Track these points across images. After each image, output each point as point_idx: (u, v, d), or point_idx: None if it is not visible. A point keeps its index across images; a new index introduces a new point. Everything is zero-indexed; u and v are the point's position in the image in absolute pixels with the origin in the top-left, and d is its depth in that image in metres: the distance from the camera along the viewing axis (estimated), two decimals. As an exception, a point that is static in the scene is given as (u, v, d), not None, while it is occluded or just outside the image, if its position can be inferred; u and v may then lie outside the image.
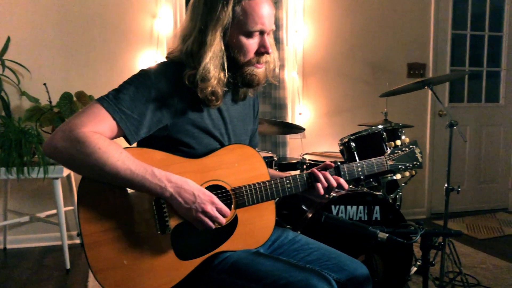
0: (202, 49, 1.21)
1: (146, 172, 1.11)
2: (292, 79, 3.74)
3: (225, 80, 1.26)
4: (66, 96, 2.88)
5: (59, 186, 2.79)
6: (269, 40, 1.28)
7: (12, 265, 2.93)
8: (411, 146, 1.49)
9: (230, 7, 1.19)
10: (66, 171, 2.82)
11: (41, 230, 3.31)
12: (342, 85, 3.91)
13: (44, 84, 2.98)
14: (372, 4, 3.91)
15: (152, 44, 3.40)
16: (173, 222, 1.18)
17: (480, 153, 4.40)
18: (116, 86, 1.22)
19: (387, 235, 1.11)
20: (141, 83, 1.19)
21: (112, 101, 1.15)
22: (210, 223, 1.17)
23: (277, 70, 1.36)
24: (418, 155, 1.47)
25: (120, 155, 1.10)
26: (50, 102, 2.98)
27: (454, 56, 4.24)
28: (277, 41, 3.55)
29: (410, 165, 1.46)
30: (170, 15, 3.41)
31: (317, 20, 3.79)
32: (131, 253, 1.14)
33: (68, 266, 2.83)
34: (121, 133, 1.16)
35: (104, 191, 1.14)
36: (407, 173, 1.49)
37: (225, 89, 1.29)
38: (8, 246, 3.24)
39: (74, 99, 2.92)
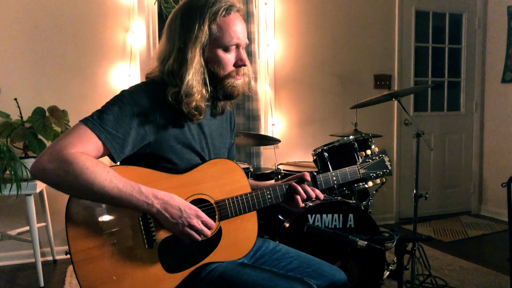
0: (184, 67, 1.26)
1: (133, 190, 1.15)
2: (264, 91, 3.82)
3: (207, 95, 1.32)
4: (38, 111, 2.84)
5: (32, 203, 2.75)
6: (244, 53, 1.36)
7: (-18, 285, 2.86)
8: (380, 155, 1.59)
9: (206, 26, 1.26)
10: (39, 187, 2.78)
11: (11, 248, 3.23)
12: (313, 97, 4.02)
13: (15, 99, 2.93)
14: (339, 19, 4.06)
15: (125, 58, 3.41)
16: (160, 236, 1.22)
17: (444, 160, 4.62)
18: (89, 100, 1.27)
19: (366, 242, 1.18)
20: (123, 103, 1.22)
21: (97, 121, 1.18)
22: (197, 236, 1.21)
23: (252, 82, 1.44)
24: (387, 163, 1.57)
25: (108, 174, 1.13)
26: (22, 117, 2.94)
27: (417, 67, 4.45)
28: (250, 54, 3.64)
29: (381, 172, 1.56)
30: (143, 29, 3.44)
31: (287, 34, 3.90)
32: (120, 268, 1.16)
33: (42, 284, 2.78)
34: (106, 152, 1.19)
35: (91, 209, 1.17)
36: (377, 181, 1.58)
37: (208, 103, 1.34)
38: (-23, 266, 3.15)
39: (47, 114, 2.89)
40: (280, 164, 3.22)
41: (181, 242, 1.23)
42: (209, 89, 1.32)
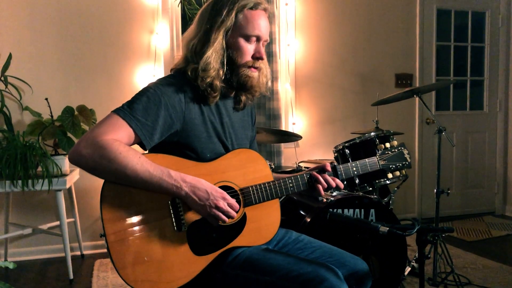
0: (206, 46, 1.36)
1: (163, 174, 1.22)
2: (285, 91, 3.87)
3: (223, 76, 1.39)
4: (68, 110, 2.96)
5: (62, 198, 2.86)
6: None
7: (15, 278, 2.97)
8: (399, 147, 1.62)
9: (234, 13, 1.37)
10: (69, 183, 2.89)
11: (42, 242, 3.36)
12: (333, 96, 4.05)
13: (46, 99, 3.06)
14: (360, 17, 4.08)
15: (150, 59, 3.51)
16: (188, 220, 1.28)
17: (466, 159, 4.57)
18: (115, 99, 1.36)
19: (388, 228, 1.22)
20: (151, 94, 1.30)
21: (127, 111, 1.26)
22: (223, 217, 1.27)
23: (269, 83, 1.50)
24: (407, 155, 1.59)
25: (139, 159, 1.21)
26: (52, 116, 3.06)
27: (439, 66, 4.42)
28: (270, 54, 3.69)
29: (400, 164, 1.58)
30: (167, 31, 3.54)
31: (308, 34, 3.94)
32: (151, 250, 1.23)
33: (71, 277, 2.88)
34: (137, 139, 1.27)
35: (124, 194, 1.24)
36: (397, 173, 1.60)
37: (223, 85, 1.41)
38: (9, 259, 3.28)
39: (76, 113, 3.00)
40: (301, 161, 3.26)
41: (208, 226, 1.30)
42: (226, 70, 1.39)
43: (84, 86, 3.40)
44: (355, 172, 1.52)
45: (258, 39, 1.40)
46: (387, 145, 1.60)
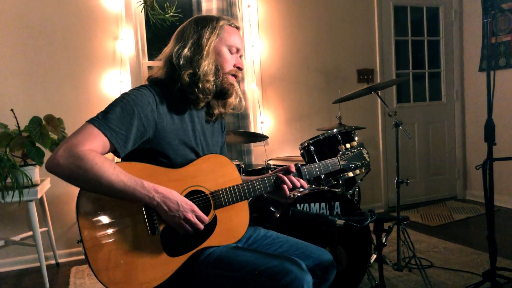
0: (199, 54, 1.48)
1: (136, 184, 1.29)
2: (252, 91, 3.96)
3: (215, 82, 1.52)
4: (35, 121, 2.95)
5: (34, 208, 2.87)
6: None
7: (-11, 291, 2.97)
8: (358, 148, 1.75)
9: (218, 27, 1.51)
10: (40, 193, 2.90)
11: (15, 253, 3.34)
12: (299, 93, 4.17)
13: (11, 109, 3.04)
14: (320, 16, 4.21)
15: (115, 65, 3.53)
16: (161, 224, 1.36)
17: (428, 148, 4.80)
18: (83, 107, 1.43)
19: (343, 221, 1.33)
20: (124, 104, 1.37)
21: (102, 121, 1.33)
22: (190, 229, 1.36)
23: (243, 101, 1.65)
24: (366, 155, 1.72)
25: (114, 170, 1.28)
26: (19, 127, 3.05)
27: (398, 60, 4.62)
28: (236, 55, 3.77)
29: (359, 163, 1.72)
30: (131, 36, 3.56)
31: (271, 34, 4.05)
32: (127, 253, 1.30)
33: (48, 286, 2.90)
34: (112, 147, 1.34)
35: (99, 201, 1.31)
36: (357, 171, 1.73)
37: (213, 89, 1.52)
38: (-18, 273, 3.26)
39: (43, 122, 3.00)
40: (270, 159, 3.36)
41: None
42: (219, 77, 1.52)
43: (50, 95, 3.39)
44: (318, 172, 1.64)
45: (238, 51, 1.56)
46: (348, 145, 1.73)
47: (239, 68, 1.57)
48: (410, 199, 4.67)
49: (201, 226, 1.37)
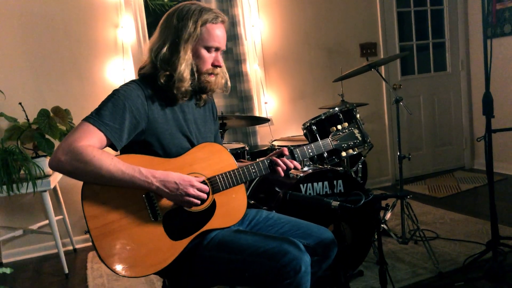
0: (175, 56, 1.51)
1: (134, 172, 1.37)
2: (254, 71, 3.98)
3: (192, 83, 1.56)
4: (43, 113, 3.03)
5: (48, 198, 2.97)
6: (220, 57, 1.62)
7: (12, 278, 3.10)
8: (350, 128, 1.79)
9: (198, 27, 1.52)
10: (53, 183, 2.99)
11: (34, 241, 3.48)
12: (301, 72, 4.18)
13: (20, 103, 3.12)
14: (321, -8, 4.17)
15: (117, 53, 3.57)
16: (163, 209, 1.44)
17: (434, 119, 4.79)
18: (88, 97, 1.50)
19: (338, 203, 1.38)
20: (115, 99, 1.44)
21: (96, 117, 1.40)
22: (195, 201, 1.43)
23: (228, 82, 1.69)
24: (357, 134, 1.76)
25: (112, 161, 1.35)
26: (28, 120, 3.13)
27: (401, 32, 4.57)
28: (236, 37, 3.78)
29: (352, 143, 1.77)
30: (132, 23, 3.58)
31: (271, 13, 4.03)
32: (132, 239, 1.38)
33: (67, 271, 3.02)
34: (108, 142, 1.41)
35: (102, 192, 1.38)
36: (350, 151, 1.77)
37: (190, 89, 1.57)
38: (4, 261, 3.41)
39: (51, 114, 3.08)
40: (275, 140, 3.41)
41: (182, 213, 1.46)
42: (195, 78, 1.55)
43: (56, 87, 3.46)
44: (311, 154, 1.69)
45: (217, 49, 1.58)
46: (339, 127, 1.77)
47: (216, 66, 1.59)
48: (418, 171, 4.70)
49: (204, 196, 1.45)
